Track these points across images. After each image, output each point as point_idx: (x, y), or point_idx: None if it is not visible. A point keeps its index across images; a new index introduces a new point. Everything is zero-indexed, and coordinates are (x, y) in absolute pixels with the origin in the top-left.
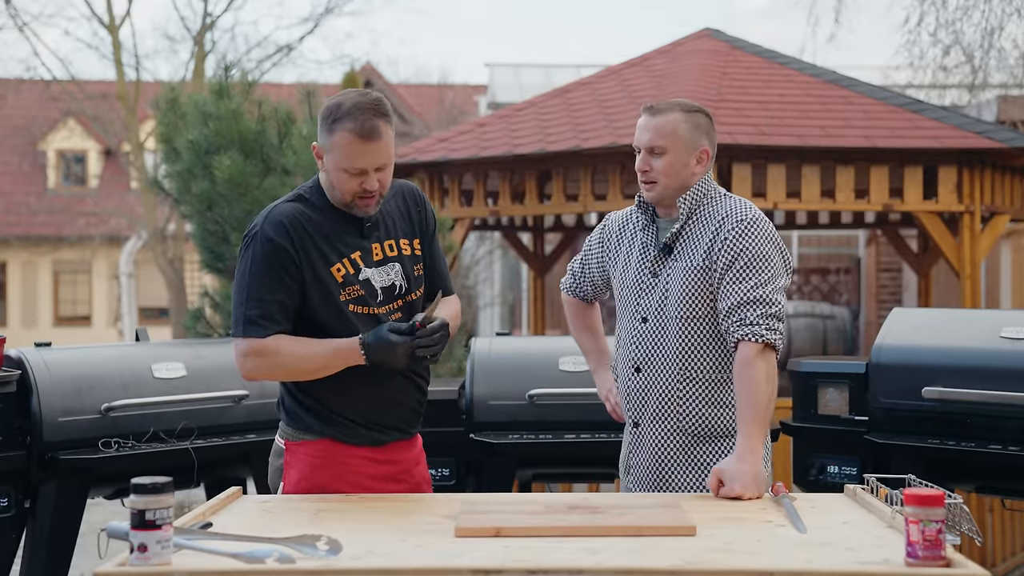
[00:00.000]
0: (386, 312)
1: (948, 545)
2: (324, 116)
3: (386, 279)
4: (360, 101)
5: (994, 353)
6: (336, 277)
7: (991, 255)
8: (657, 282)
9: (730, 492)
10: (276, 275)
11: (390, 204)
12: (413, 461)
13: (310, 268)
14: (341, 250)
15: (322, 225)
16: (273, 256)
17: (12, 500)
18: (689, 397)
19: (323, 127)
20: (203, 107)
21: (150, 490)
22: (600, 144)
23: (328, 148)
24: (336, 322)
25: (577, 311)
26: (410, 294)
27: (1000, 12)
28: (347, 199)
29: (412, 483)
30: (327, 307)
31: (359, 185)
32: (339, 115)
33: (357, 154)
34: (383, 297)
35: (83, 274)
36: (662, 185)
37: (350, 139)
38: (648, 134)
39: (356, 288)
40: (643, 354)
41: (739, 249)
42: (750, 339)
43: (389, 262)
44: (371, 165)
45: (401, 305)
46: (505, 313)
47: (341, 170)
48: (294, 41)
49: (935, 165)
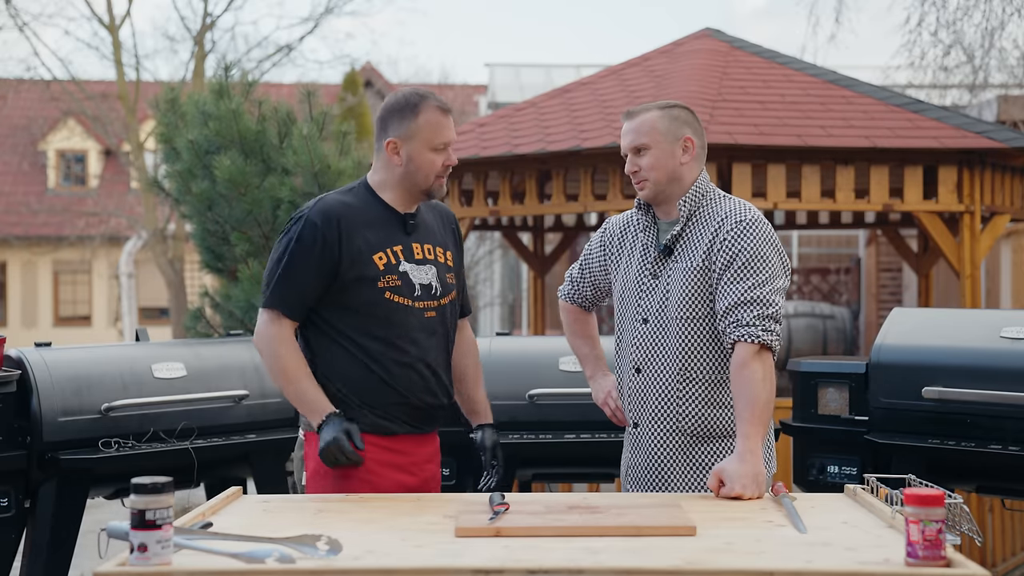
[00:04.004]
0: (422, 308)
1: (948, 545)
2: (400, 107)
3: (424, 277)
4: (421, 90)
5: (994, 353)
6: (378, 264)
7: (991, 255)
8: (657, 283)
9: (730, 492)
10: (310, 261)
11: (429, 215)
12: (425, 458)
13: (350, 255)
14: (385, 241)
15: (369, 217)
16: (312, 241)
17: (12, 500)
18: (688, 397)
19: (401, 116)
20: (203, 107)
21: (150, 490)
22: (600, 144)
23: (413, 133)
24: (374, 307)
25: (574, 318)
26: (444, 297)
27: (1001, 12)
28: (431, 180)
29: (421, 478)
30: (367, 292)
31: (442, 163)
32: (415, 101)
33: (445, 127)
34: (420, 293)
35: (83, 274)
36: (653, 181)
37: (438, 115)
38: (629, 136)
39: (394, 278)
40: (643, 355)
41: (737, 250)
42: (746, 340)
43: (427, 263)
44: (453, 138)
45: (436, 306)
46: (505, 313)
47: (429, 149)
48: (294, 41)
49: (935, 165)
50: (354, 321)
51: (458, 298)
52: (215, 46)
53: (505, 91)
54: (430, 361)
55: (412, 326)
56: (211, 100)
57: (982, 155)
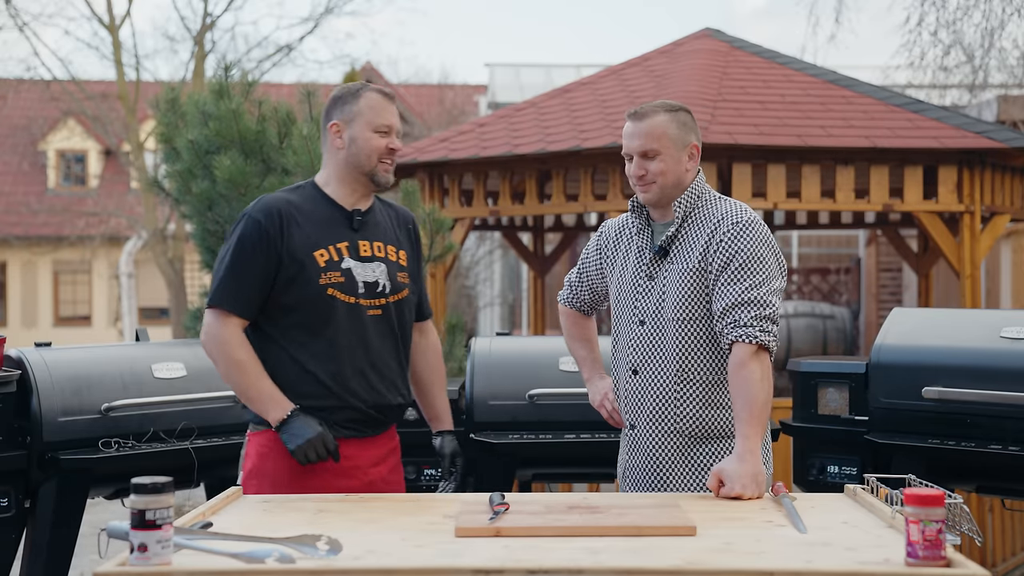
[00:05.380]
0: (367, 306)
1: (948, 545)
2: (342, 94)
3: (370, 275)
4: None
5: (994, 353)
6: (319, 261)
7: (991, 255)
8: (653, 285)
9: (730, 492)
10: (254, 258)
11: (384, 214)
12: (369, 461)
13: (290, 251)
14: (327, 238)
15: (313, 214)
16: (255, 237)
17: (12, 500)
18: (686, 398)
19: (343, 102)
20: (203, 107)
21: (150, 490)
22: (600, 144)
23: (353, 115)
24: (313, 304)
25: (572, 322)
26: (393, 295)
27: (1000, 12)
28: (374, 161)
29: (364, 481)
30: (307, 289)
31: (386, 145)
32: (358, 87)
33: (386, 110)
34: (365, 291)
35: (83, 274)
36: (660, 186)
37: (377, 98)
38: (638, 139)
39: (337, 275)
40: (640, 356)
41: (734, 251)
42: (744, 340)
43: (375, 260)
44: (396, 123)
45: (383, 304)
46: (505, 313)
47: (371, 130)
48: (294, 41)
49: (935, 165)
50: (294, 320)
51: (412, 298)
52: (215, 46)
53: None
54: (375, 360)
55: (355, 324)
56: (211, 100)
57: (982, 155)
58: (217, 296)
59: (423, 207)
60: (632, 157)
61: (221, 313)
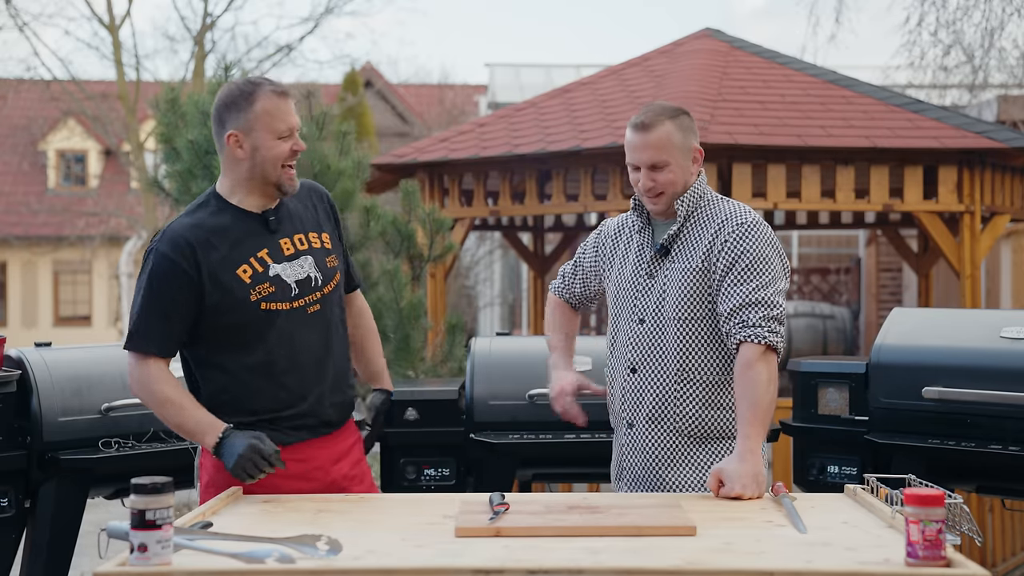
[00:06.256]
0: (303, 305)
1: (948, 545)
2: (233, 99)
3: (300, 272)
4: (253, 77)
5: (994, 353)
6: (243, 278)
7: (991, 255)
8: (654, 283)
9: (730, 492)
10: (167, 294)
11: (292, 202)
12: (329, 459)
13: (211, 276)
14: (246, 251)
15: (225, 229)
16: (165, 273)
17: (12, 500)
18: (686, 398)
19: (237, 108)
20: (203, 107)
21: (150, 490)
22: (600, 144)
23: (253, 123)
24: (253, 322)
25: (560, 312)
26: (327, 285)
27: (1000, 12)
28: (278, 169)
29: (325, 481)
30: (240, 309)
31: (289, 149)
32: (248, 90)
33: (283, 111)
34: (298, 291)
35: (83, 274)
36: (669, 195)
37: (274, 99)
38: (647, 152)
39: (266, 286)
40: (639, 355)
41: (739, 252)
42: (752, 340)
43: (301, 256)
44: (295, 121)
45: (319, 298)
46: (505, 313)
47: (272, 136)
48: (294, 41)
49: (935, 165)
50: (233, 340)
51: (342, 278)
52: (215, 46)
53: (505, 91)
54: (322, 357)
55: (295, 329)
56: (211, 100)
57: (982, 155)
58: (133, 339)
59: (423, 207)
60: (639, 168)
61: (139, 356)
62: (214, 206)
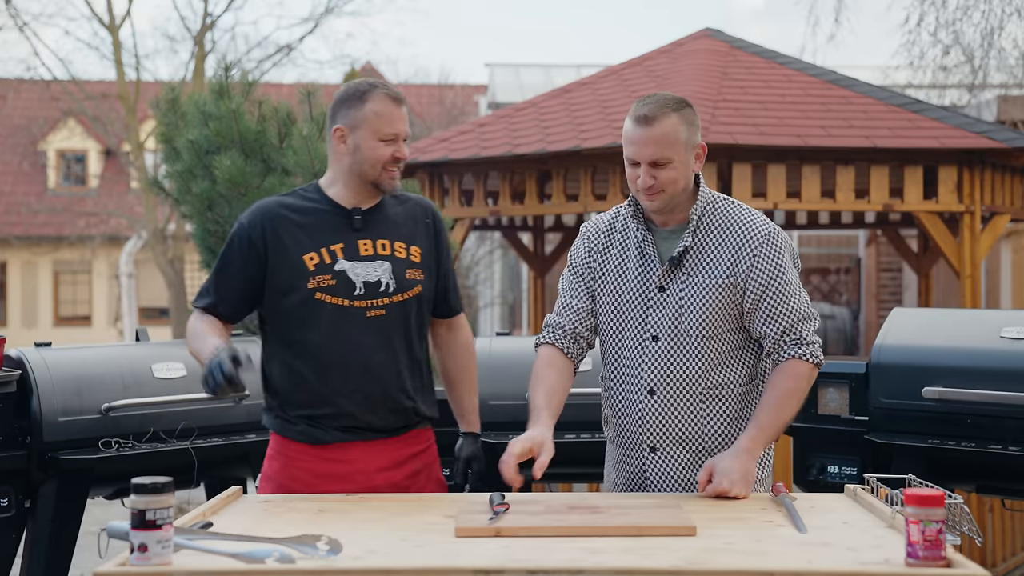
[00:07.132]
0: (364, 307)
1: (948, 545)
2: (348, 95)
3: (371, 274)
4: (373, 79)
5: (994, 353)
6: (308, 265)
7: (991, 255)
8: (666, 297)
9: (718, 486)
10: (235, 261)
11: (396, 208)
12: (375, 466)
13: (277, 254)
14: (321, 240)
15: (309, 215)
16: (240, 242)
17: (12, 500)
18: (713, 416)
19: (348, 105)
20: (203, 107)
21: (150, 490)
22: (600, 144)
23: (360, 121)
24: (303, 309)
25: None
26: (399, 294)
27: (1000, 12)
28: (378, 170)
29: (367, 487)
30: (297, 293)
31: (391, 154)
32: (364, 89)
33: (393, 117)
34: (364, 291)
35: (83, 274)
36: (670, 193)
37: (386, 103)
38: (650, 148)
39: (327, 278)
40: (657, 375)
41: (773, 271)
42: (807, 359)
43: (378, 259)
44: (403, 130)
45: (385, 304)
46: (505, 313)
47: (376, 139)
48: (294, 41)
49: (935, 165)
50: (287, 325)
51: (427, 295)
52: (215, 46)
53: (505, 91)
54: (372, 362)
55: (346, 327)
56: (211, 100)
57: (982, 155)
58: (199, 299)
59: None
60: (638, 163)
61: (197, 312)
62: (310, 193)
